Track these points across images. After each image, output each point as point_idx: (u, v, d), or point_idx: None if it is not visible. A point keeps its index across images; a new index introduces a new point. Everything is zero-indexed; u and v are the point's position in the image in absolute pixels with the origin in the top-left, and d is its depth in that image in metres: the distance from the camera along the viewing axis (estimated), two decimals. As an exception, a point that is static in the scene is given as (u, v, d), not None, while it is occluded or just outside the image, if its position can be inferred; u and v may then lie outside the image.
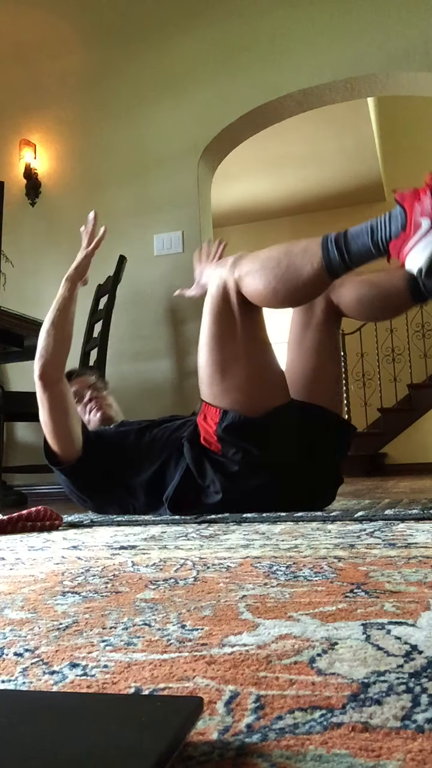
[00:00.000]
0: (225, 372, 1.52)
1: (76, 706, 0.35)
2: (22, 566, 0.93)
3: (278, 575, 0.76)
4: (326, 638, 0.49)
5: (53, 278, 3.91)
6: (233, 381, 1.52)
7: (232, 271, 1.49)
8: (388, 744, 0.32)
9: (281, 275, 1.41)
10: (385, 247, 1.29)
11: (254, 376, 1.53)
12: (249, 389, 1.52)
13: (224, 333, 1.52)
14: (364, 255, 1.32)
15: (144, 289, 3.67)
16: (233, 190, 6.14)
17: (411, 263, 1.26)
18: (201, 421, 1.61)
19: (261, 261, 1.45)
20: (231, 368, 1.52)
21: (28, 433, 3.90)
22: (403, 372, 5.85)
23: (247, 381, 1.52)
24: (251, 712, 0.36)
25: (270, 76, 3.60)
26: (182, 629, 0.54)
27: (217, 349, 1.53)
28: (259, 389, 1.53)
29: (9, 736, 0.30)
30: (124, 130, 3.88)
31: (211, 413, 1.56)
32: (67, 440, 1.74)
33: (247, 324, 1.51)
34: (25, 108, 4.12)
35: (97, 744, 0.29)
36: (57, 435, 1.73)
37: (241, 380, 1.52)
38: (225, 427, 1.52)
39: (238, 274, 1.48)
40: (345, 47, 3.48)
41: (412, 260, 1.26)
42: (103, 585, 0.75)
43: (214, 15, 3.73)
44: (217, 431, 1.54)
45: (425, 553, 0.88)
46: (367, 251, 1.31)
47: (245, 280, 1.46)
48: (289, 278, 1.40)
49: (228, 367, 1.52)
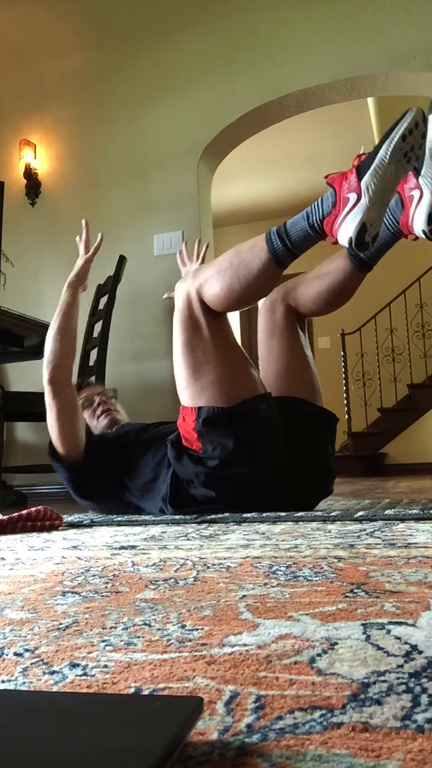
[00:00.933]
0: (198, 373, 1.59)
1: (76, 706, 0.35)
2: (22, 566, 0.93)
3: (278, 575, 0.76)
4: (326, 638, 0.49)
5: (53, 278, 3.93)
6: (207, 380, 1.58)
7: (193, 282, 1.59)
8: (388, 744, 0.32)
9: (234, 274, 1.51)
10: (320, 226, 1.41)
11: (226, 373, 1.59)
12: (222, 385, 1.58)
13: (193, 338, 1.60)
14: (303, 238, 1.44)
15: (144, 289, 3.67)
16: (233, 190, 6.15)
17: (342, 236, 1.36)
18: (180, 423, 1.66)
19: (216, 266, 1.56)
20: (203, 369, 1.59)
21: (28, 433, 3.91)
22: (403, 372, 5.85)
23: (219, 378, 1.58)
24: (251, 712, 0.36)
25: (270, 76, 3.60)
26: (182, 629, 0.54)
27: (188, 354, 1.60)
28: (231, 383, 1.58)
29: (9, 736, 0.30)
30: (124, 130, 3.88)
31: (187, 413, 1.61)
32: (73, 442, 1.79)
33: (213, 328, 1.60)
34: (25, 108, 4.12)
35: (97, 744, 0.29)
36: (63, 437, 1.78)
37: (213, 378, 1.58)
38: (203, 421, 1.57)
39: (198, 283, 1.57)
40: (345, 47, 3.48)
41: (343, 233, 1.36)
42: (103, 585, 0.75)
43: (214, 15, 3.73)
44: (196, 426, 1.58)
45: (425, 553, 0.87)
46: (306, 234, 1.43)
47: (204, 287, 1.56)
48: (241, 275, 1.50)
49: (200, 369, 1.59)
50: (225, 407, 1.56)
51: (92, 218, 3.70)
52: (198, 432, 1.58)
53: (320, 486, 1.71)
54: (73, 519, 1.69)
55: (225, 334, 1.63)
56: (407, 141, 1.30)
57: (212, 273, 1.55)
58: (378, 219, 1.35)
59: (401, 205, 1.49)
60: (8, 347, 2.89)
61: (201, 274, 1.58)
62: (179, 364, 1.62)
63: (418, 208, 1.43)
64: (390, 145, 1.31)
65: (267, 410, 1.59)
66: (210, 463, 1.58)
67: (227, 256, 1.55)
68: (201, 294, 1.57)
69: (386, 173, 1.32)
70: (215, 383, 1.57)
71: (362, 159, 1.36)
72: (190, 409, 1.60)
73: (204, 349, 1.59)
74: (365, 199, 1.33)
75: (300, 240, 1.44)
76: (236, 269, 1.50)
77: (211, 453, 1.58)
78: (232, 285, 1.51)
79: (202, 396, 1.58)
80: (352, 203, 1.34)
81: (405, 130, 1.30)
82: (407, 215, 1.46)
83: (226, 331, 1.63)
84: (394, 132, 1.31)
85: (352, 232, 1.34)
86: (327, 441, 1.71)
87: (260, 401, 1.59)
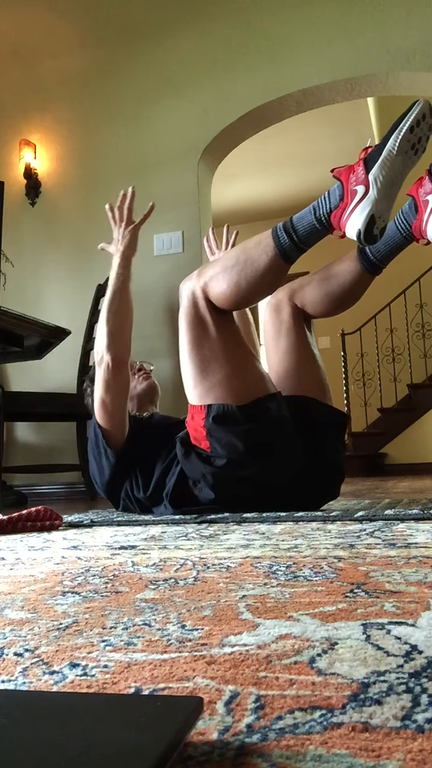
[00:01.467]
0: (206, 371, 1.58)
1: (76, 706, 0.35)
2: (22, 566, 0.93)
3: (278, 575, 0.76)
4: (326, 638, 0.49)
5: (53, 278, 3.93)
6: (215, 378, 1.57)
7: (198, 280, 1.58)
8: (388, 744, 0.32)
9: (241, 270, 1.49)
10: (327, 220, 1.40)
11: (234, 372, 1.58)
12: (230, 384, 1.56)
13: (200, 336, 1.58)
14: (310, 233, 1.43)
15: (144, 289, 3.66)
16: (233, 190, 6.14)
17: (350, 229, 1.36)
18: (189, 421, 1.64)
19: (221, 263, 1.55)
20: (210, 367, 1.57)
21: (28, 433, 3.90)
22: (403, 372, 5.85)
23: (228, 377, 1.57)
24: (251, 712, 0.36)
25: (270, 76, 3.60)
26: (182, 629, 0.54)
27: (196, 352, 1.59)
28: (240, 382, 1.57)
29: (9, 736, 0.30)
30: (124, 130, 3.88)
31: (196, 411, 1.60)
32: (121, 423, 1.77)
33: (220, 326, 1.58)
34: (25, 108, 4.12)
35: (97, 744, 0.29)
36: (113, 417, 1.75)
37: (221, 376, 1.57)
38: (213, 418, 1.56)
39: (204, 281, 1.56)
40: (345, 47, 3.48)
41: (351, 226, 1.35)
42: (103, 585, 0.75)
43: (214, 15, 3.73)
44: (205, 424, 1.57)
45: (425, 553, 0.88)
46: (313, 228, 1.42)
47: (210, 285, 1.55)
48: (248, 272, 1.48)
49: (207, 367, 1.58)
50: (235, 405, 1.54)
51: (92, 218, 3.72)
52: (207, 430, 1.57)
53: (330, 487, 1.70)
54: (73, 519, 1.69)
55: (231, 331, 1.61)
56: (415, 133, 1.32)
57: (218, 270, 1.54)
58: (386, 211, 1.35)
59: (415, 209, 1.48)
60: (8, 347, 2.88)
61: (206, 272, 1.57)
62: (186, 363, 1.61)
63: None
64: (399, 136, 1.31)
65: (278, 410, 1.57)
66: (218, 462, 1.57)
67: (233, 252, 1.54)
68: (207, 292, 1.56)
69: (394, 165, 1.32)
70: (223, 381, 1.56)
71: (369, 152, 1.36)
72: (198, 407, 1.58)
73: (211, 347, 1.57)
74: (373, 192, 1.33)
75: (307, 234, 1.43)
76: (243, 266, 1.49)
77: (220, 452, 1.56)
78: (239, 282, 1.50)
79: (211, 394, 1.57)
80: (360, 196, 1.34)
81: (413, 121, 1.31)
82: (421, 219, 1.46)
83: (232, 329, 1.62)
84: (402, 124, 1.32)
85: (361, 225, 1.33)
86: (338, 441, 1.70)
87: (271, 401, 1.57)
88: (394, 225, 1.54)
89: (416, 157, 1.35)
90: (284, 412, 1.59)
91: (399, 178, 1.35)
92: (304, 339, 1.75)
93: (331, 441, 1.68)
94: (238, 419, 1.54)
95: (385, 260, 1.58)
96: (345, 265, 1.64)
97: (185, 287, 1.62)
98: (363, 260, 1.59)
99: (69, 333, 3.06)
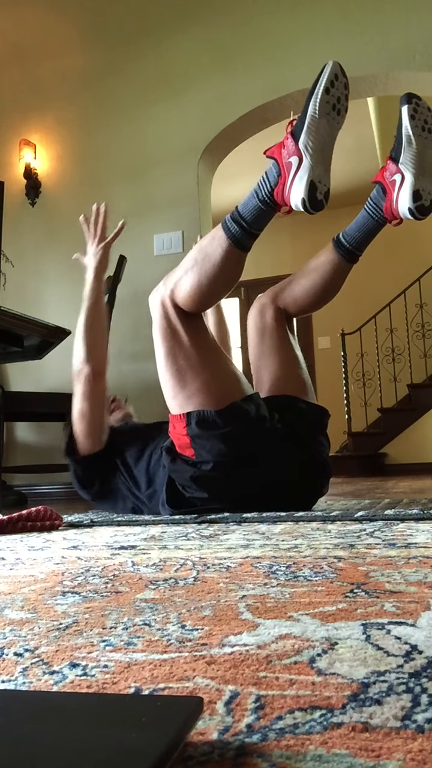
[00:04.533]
0: (184, 381, 1.60)
1: (76, 706, 0.35)
2: (22, 566, 0.93)
3: (278, 575, 0.76)
4: (326, 638, 0.49)
5: (53, 278, 3.93)
6: (193, 387, 1.59)
7: (165, 289, 1.60)
8: (388, 744, 0.32)
9: (200, 269, 1.52)
10: (270, 198, 1.42)
11: (211, 378, 1.60)
12: (208, 390, 1.58)
13: (174, 347, 1.60)
14: (258, 216, 1.45)
15: (144, 289, 3.64)
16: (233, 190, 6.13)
17: (295, 200, 1.37)
18: (171, 431, 1.66)
19: (182, 267, 1.58)
20: (187, 376, 1.59)
21: (28, 433, 3.91)
22: (403, 372, 5.85)
23: (205, 384, 1.59)
24: (251, 712, 0.36)
25: (270, 76, 3.60)
26: (182, 629, 0.54)
27: (171, 363, 1.61)
28: (217, 388, 1.59)
29: (9, 736, 0.30)
30: (124, 130, 3.88)
31: (177, 420, 1.62)
32: (99, 430, 1.83)
33: (192, 334, 1.61)
34: (25, 108, 4.12)
35: (97, 744, 0.29)
36: (92, 425, 1.81)
37: (199, 384, 1.59)
38: (196, 424, 1.57)
39: (170, 288, 1.59)
40: (345, 47, 3.48)
41: (294, 197, 1.37)
42: (103, 585, 0.75)
43: (214, 15, 3.74)
44: (188, 431, 1.58)
45: (425, 553, 0.88)
46: (259, 210, 1.44)
47: (176, 291, 1.57)
48: (207, 268, 1.51)
49: (185, 376, 1.60)
50: (214, 410, 1.56)
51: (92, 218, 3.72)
52: (190, 437, 1.58)
53: (317, 481, 1.71)
54: (73, 519, 1.69)
55: (203, 338, 1.64)
56: (331, 93, 1.36)
57: (180, 274, 1.57)
58: (324, 175, 1.37)
59: (383, 192, 1.53)
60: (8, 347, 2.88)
61: (170, 280, 1.60)
62: (164, 375, 1.63)
63: (401, 190, 1.48)
64: (317, 99, 1.36)
65: (256, 410, 1.59)
66: (204, 467, 1.59)
67: (191, 254, 1.57)
68: (174, 299, 1.58)
69: (320, 128, 1.36)
70: (201, 389, 1.58)
71: (294, 123, 1.39)
72: (178, 417, 1.60)
73: (186, 357, 1.59)
74: (307, 159, 1.35)
75: (255, 218, 1.45)
76: (201, 264, 1.51)
77: (205, 456, 1.58)
78: (201, 280, 1.52)
79: (190, 403, 1.59)
80: (295, 166, 1.37)
81: (327, 82, 1.36)
82: (390, 200, 1.51)
83: (204, 335, 1.64)
84: (317, 87, 1.36)
85: (304, 193, 1.35)
86: (321, 435, 1.73)
87: (248, 403, 1.59)
88: (365, 211, 1.61)
89: (340, 117, 1.38)
90: (263, 412, 1.61)
91: (329, 141, 1.37)
92: (287, 340, 1.81)
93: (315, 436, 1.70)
94: (217, 423, 1.55)
95: (360, 247, 1.64)
96: (323, 258, 1.70)
97: (153, 299, 1.64)
98: (339, 250, 1.65)
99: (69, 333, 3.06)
